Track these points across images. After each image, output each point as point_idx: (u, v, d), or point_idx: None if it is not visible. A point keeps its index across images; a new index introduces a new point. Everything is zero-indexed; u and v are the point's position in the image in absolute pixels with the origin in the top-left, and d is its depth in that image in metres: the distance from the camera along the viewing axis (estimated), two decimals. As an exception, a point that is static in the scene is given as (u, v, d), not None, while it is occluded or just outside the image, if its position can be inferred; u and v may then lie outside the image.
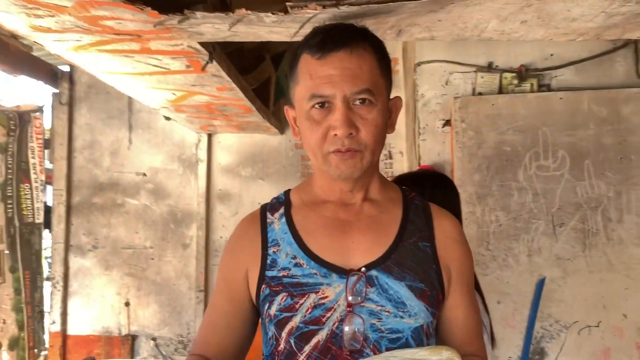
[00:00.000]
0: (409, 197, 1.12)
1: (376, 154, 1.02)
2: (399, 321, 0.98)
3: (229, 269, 1.10)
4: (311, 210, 1.08)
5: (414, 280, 1.00)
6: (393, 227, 1.05)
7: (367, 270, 1.00)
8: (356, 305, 0.98)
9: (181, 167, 3.52)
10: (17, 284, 3.09)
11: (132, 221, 3.51)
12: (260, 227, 1.08)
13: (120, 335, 3.43)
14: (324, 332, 0.98)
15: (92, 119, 3.55)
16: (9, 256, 3.04)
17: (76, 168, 3.53)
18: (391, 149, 3.40)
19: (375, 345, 0.98)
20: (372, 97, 0.98)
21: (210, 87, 2.22)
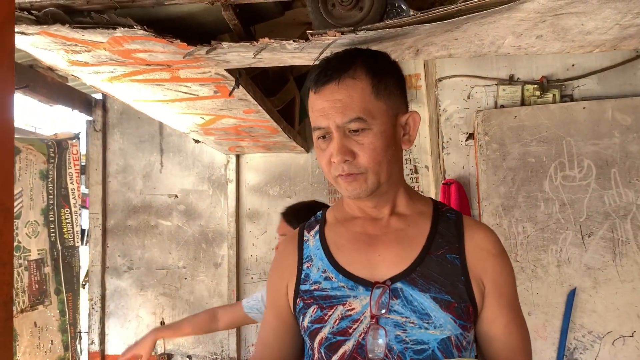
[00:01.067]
0: (441, 211, 1.13)
1: (382, 173, 1.04)
2: (423, 332, 1.00)
3: (273, 286, 1.19)
4: (342, 226, 1.15)
5: (440, 292, 1.02)
6: (420, 240, 1.08)
7: (391, 282, 1.04)
8: (381, 317, 1.02)
9: (211, 188, 3.61)
10: (61, 305, 3.20)
11: (165, 242, 3.61)
12: (298, 244, 1.17)
13: (157, 354, 3.50)
14: (351, 342, 1.03)
15: (125, 144, 3.69)
16: (54, 279, 3.16)
17: (111, 192, 3.66)
18: (417, 164, 3.43)
19: (399, 357, 1.01)
20: (364, 124, 1.01)
21: (237, 110, 2.30)
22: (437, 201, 1.18)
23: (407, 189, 1.14)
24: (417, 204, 1.14)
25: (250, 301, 2.23)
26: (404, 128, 1.08)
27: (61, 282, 3.23)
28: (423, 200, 1.17)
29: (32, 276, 3.00)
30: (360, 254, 1.09)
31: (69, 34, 1.37)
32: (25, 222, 2.98)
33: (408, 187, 1.15)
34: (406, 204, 1.13)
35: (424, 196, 1.20)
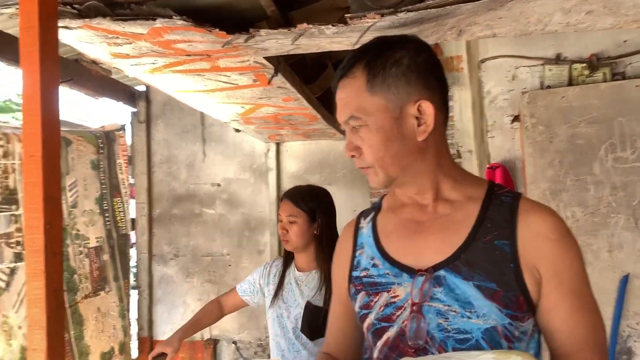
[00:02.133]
0: (496, 194, 1.06)
1: (390, 167, 1.02)
2: (466, 321, 0.98)
3: (334, 273, 1.24)
4: (393, 213, 1.15)
5: (484, 280, 0.98)
6: (466, 226, 1.04)
7: (434, 270, 1.02)
8: (423, 305, 1.01)
9: (252, 176, 3.65)
10: (119, 292, 3.31)
11: (209, 230, 3.67)
12: (354, 231, 1.19)
13: (203, 340, 3.59)
14: (394, 329, 1.03)
15: (168, 134, 3.76)
16: (112, 266, 3.27)
17: (156, 182, 3.75)
18: (460, 148, 3.36)
19: (441, 345, 0.99)
20: (359, 121, 1.01)
21: (277, 99, 2.30)
22: (495, 184, 1.10)
23: (452, 173, 1.08)
24: (467, 188, 1.08)
25: (243, 285, 2.34)
26: (419, 118, 1.01)
27: (118, 269, 3.34)
28: (476, 183, 1.10)
29: (93, 263, 3.11)
30: (406, 241, 1.08)
31: (110, 26, 1.39)
32: (82, 211, 3.07)
33: (456, 171, 1.09)
34: (452, 189, 1.08)
35: (479, 179, 1.13)
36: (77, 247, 2.98)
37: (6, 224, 2.51)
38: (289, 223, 2.12)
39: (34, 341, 1.07)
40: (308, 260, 2.18)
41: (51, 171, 1.11)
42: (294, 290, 2.16)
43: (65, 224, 2.91)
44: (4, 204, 2.51)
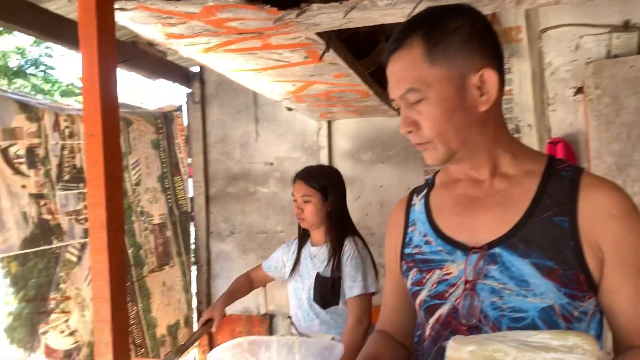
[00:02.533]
0: (556, 168, 1.02)
1: (451, 140, 0.98)
2: (521, 300, 0.95)
3: (387, 250, 1.23)
4: (446, 189, 1.13)
5: (541, 258, 0.95)
6: (524, 202, 1.00)
7: (489, 247, 0.99)
8: (477, 283, 0.99)
9: (304, 155, 3.66)
10: (182, 267, 3.45)
11: (263, 208, 3.73)
12: (406, 208, 1.18)
13: (259, 314, 3.68)
14: (446, 306, 1.02)
15: (223, 114, 3.82)
16: (174, 242, 3.40)
17: (211, 161, 3.83)
18: (519, 123, 3.24)
19: (494, 324, 0.97)
20: (419, 94, 0.97)
21: (328, 75, 2.28)
22: (555, 158, 1.06)
23: (511, 147, 1.05)
24: (525, 163, 1.05)
25: (268, 262, 2.55)
26: (480, 89, 0.97)
27: (180, 245, 3.46)
28: (535, 158, 1.06)
29: (157, 239, 3.24)
30: (460, 218, 1.06)
31: (164, 6, 1.42)
32: (145, 189, 3.20)
33: (514, 145, 1.06)
34: (510, 163, 1.05)
35: (537, 153, 1.09)
36: (142, 224, 3.10)
37: (75, 201, 2.63)
38: (304, 202, 2.29)
39: (99, 313, 1.13)
40: (321, 235, 2.35)
41: (111, 150, 1.15)
42: (308, 264, 2.35)
43: (130, 201, 3.03)
44: (72, 183, 2.64)
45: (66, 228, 2.54)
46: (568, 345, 0.82)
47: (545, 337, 0.84)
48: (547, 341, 0.83)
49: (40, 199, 2.45)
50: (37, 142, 2.50)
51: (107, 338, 1.11)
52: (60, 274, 2.45)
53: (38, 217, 2.42)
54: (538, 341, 0.83)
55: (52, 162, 2.55)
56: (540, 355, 0.81)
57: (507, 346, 0.82)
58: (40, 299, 2.32)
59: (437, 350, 1.02)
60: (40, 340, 2.33)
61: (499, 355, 0.82)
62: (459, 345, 0.85)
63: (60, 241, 2.49)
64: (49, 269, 2.40)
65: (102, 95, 1.13)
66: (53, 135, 2.59)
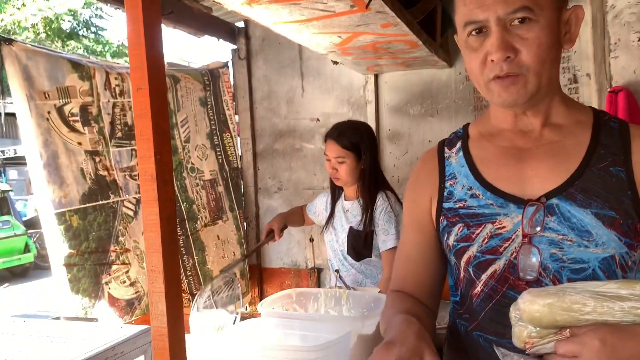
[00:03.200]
0: (603, 119, 1.01)
1: (543, 75, 0.93)
2: (583, 251, 0.93)
3: (413, 202, 1.15)
4: (487, 141, 1.08)
5: (602, 208, 0.93)
6: (578, 152, 0.98)
7: (546, 199, 0.96)
8: (534, 236, 0.96)
9: (350, 110, 3.61)
10: (236, 221, 3.54)
11: (310, 164, 3.74)
12: (438, 161, 1.12)
13: (307, 268, 3.75)
14: (502, 261, 0.98)
15: (268, 70, 3.80)
16: (227, 197, 3.48)
17: (258, 118, 3.84)
18: (576, 72, 3.07)
19: (555, 276, 0.94)
20: (531, 14, 0.89)
21: (375, 25, 2.22)
22: (597, 109, 1.05)
23: (563, 96, 1.03)
24: (575, 113, 1.03)
25: (310, 206, 2.67)
26: (566, 26, 0.96)
27: (232, 200, 3.54)
28: (582, 108, 1.05)
29: (209, 194, 3.32)
30: (509, 170, 1.02)
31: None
32: (194, 146, 3.26)
33: (564, 94, 1.04)
34: (562, 113, 1.02)
35: (582, 104, 1.07)
36: (194, 180, 3.18)
37: (128, 158, 2.72)
38: (338, 163, 2.32)
39: (152, 263, 1.17)
40: (355, 190, 2.40)
41: (159, 103, 1.16)
42: (342, 218, 2.42)
43: (180, 158, 3.10)
44: (124, 139, 2.72)
45: (121, 184, 2.63)
46: (638, 294, 0.82)
47: (614, 287, 0.84)
48: (617, 291, 0.83)
49: (95, 156, 2.54)
50: (90, 100, 2.57)
51: (160, 287, 1.15)
52: (119, 228, 2.56)
53: (95, 173, 2.51)
54: (608, 291, 0.83)
55: (105, 119, 2.62)
56: (617, 304, 0.81)
57: (583, 297, 0.82)
58: (101, 251, 2.44)
59: (494, 307, 1.00)
60: (104, 289, 2.46)
61: (577, 307, 0.82)
62: (534, 298, 0.84)
63: (117, 196, 2.59)
64: (107, 222, 2.51)
65: (147, 49, 1.13)
66: (104, 93, 2.65)
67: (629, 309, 0.81)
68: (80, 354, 1.28)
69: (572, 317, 0.81)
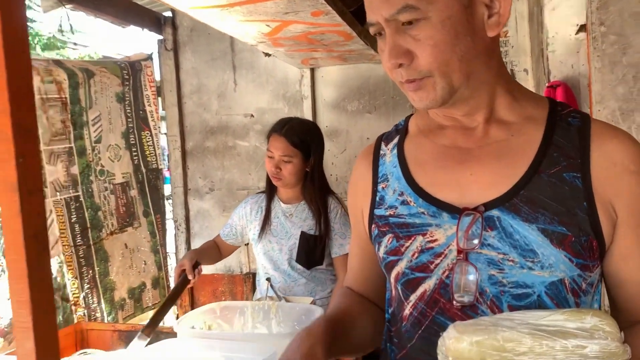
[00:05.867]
0: (561, 114, 0.85)
1: (454, 74, 0.78)
2: (526, 273, 0.78)
3: (350, 209, 1.05)
4: (426, 138, 0.92)
5: (551, 223, 0.78)
6: (527, 154, 0.83)
7: (485, 209, 0.81)
8: (471, 252, 0.80)
9: (286, 105, 3.43)
10: (151, 227, 3.25)
11: (244, 163, 3.53)
12: (373, 160, 0.97)
13: (242, 273, 3.53)
14: (432, 280, 0.84)
15: (197, 62, 3.55)
16: (141, 201, 3.19)
17: (187, 113, 3.59)
18: (514, 67, 3.02)
19: (493, 302, 0.80)
20: (417, 13, 0.76)
21: (304, 13, 2.04)
22: (556, 102, 0.89)
23: (509, 87, 0.87)
24: (526, 107, 0.87)
25: (225, 230, 2.35)
26: (489, 6, 0.79)
27: (149, 204, 3.26)
28: (535, 101, 0.88)
29: (119, 199, 3.03)
30: (447, 173, 0.87)
31: None
32: (106, 146, 2.97)
33: (512, 85, 0.88)
34: (509, 107, 0.86)
35: (537, 96, 0.91)
36: (102, 184, 2.89)
37: None
38: (283, 162, 2.09)
39: (16, 291, 0.93)
40: (295, 193, 2.19)
41: (20, 92, 0.93)
42: (284, 223, 2.18)
43: (88, 160, 2.81)
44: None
45: None
46: (587, 328, 0.70)
47: (559, 319, 0.71)
48: (562, 323, 0.70)
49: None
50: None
51: (28, 321, 0.92)
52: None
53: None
54: (551, 324, 0.70)
55: None
56: (559, 343, 0.68)
57: (519, 333, 0.69)
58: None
59: (423, 335, 0.85)
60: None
61: (510, 346, 0.69)
62: (460, 335, 0.71)
63: None
64: None
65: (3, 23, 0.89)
66: None
67: (573, 348, 0.68)
68: None
69: (504, 358, 0.69)
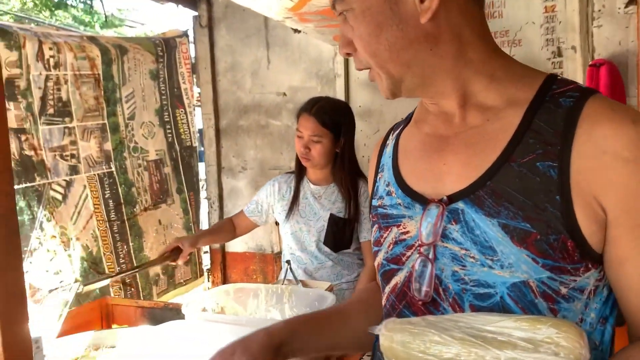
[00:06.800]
0: (551, 94, 0.74)
1: (389, 65, 0.76)
2: (487, 272, 0.72)
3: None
4: (416, 127, 0.90)
5: (514, 218, 0.70)
6: (501, 142, 0.75)
7: (450, 201, 0.76)
8: (437, 245, 0.76)
9: (319, 84, 3.36)
10: (184, 204, 3.30)
11: (276, 142, 3.50)
12: (379, 150, 0.98)
13: (273, 252, 3.53)
14: (403, 273, 0.82)
15: (232, 39, 3.53)
16: (174, 178, 3.24)
17: (221, 91, 3.58)
18: (561, 45, 2.81)
19: (455, 300, 0.75)
20: (344, 4, 0.76)
21: (324, -13, 1.96)
22: (556, 79, 0.77)
23: (487, 68, 0.78)
24: (510, 88, 0.77)
25: (250, 206, 2.31)
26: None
27: (182, 182, 3.30)
28: (523, 80, 0.77)
29: (152, 176, 3.08)
30: (424, 163, 0.83)
31: None
32: (140, 123, 3.01)
33: (493, 65, 0.78)
34: (487, 90, 0.78)
35: (531, 74, 0.79)
36: (136, 160, 2.93)
37: (60, 136, 2.48)
38: (313, 142, 2.05)
39: (-16, 274, 0.93)
40: (325, 175, 2.15)
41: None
42: (313, 205, 2.15)
43: (122, 136, 2.85)
44: (56, 117, 2.47)
45: (50, 165, 2.39)
46: (536, 339, 0.63)
47: (509, 326, 0.66)
48: (509, 331, 0.65)
49: (21, 134, 2.30)
50: (18, 73, 2.32)
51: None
52: (44, 213, 2.33)
53: (20, 154, 2.27)
54: (498, 331, 0.66)
55: (35, 94, 2.38)
56: (490, 353, 0.64)
57: (449, 337, 0.66)
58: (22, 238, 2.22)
59: None
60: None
61: (436, 350, 0.67)
62: (389, 334, 0.71)
63: (43, 178, 2.36)
64: (31, 207, 2.28)
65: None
66: (36, 65, 2.40)
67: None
68: None
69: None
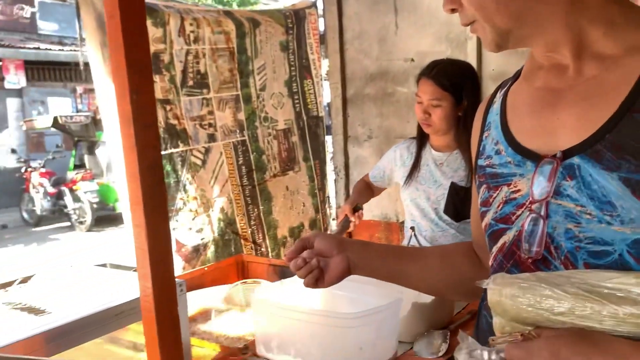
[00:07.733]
0: None
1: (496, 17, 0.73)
2: (605, 228, 0.67)
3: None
4: (526, 81, 0.85)
5: (636, 171, 0.64)
6: (620, 92, 0.68)
7: (565, 156, 0.71)
8: (550, 202, 0.72)
9: (449, 47, 3.21)
10: (310, 172, 3.40)
11: (402, 110, 3.43)
12: (485, 109, 0.93)
13: (398, 221, 3.51)
14: (512, 232, 0.78)
15: (359, 7, 3.49)
16: (301, 147, 3.35)
17: (348, 60, 3.58)
18: None
19: (568, 258, 0.70)
20: None
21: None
22: None
23: (605, 13, 0.71)
24: (630, 35, 0.70)
25: (373, 172, 2.34)
26: None
27: (308, 150, 3.39)
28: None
29: (281, 144, 3.21)
30: (535, 119, 0.79)
31: None
32: (270, 94, 3.13)
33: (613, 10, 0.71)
34: (605, 38, 0.71)
35: None
36: (266, 129, 3.06)
37: (199, 107, 2.65)
38: (432, 106, 2.00)
39: (135, 217, 1.04)
40: (448, 141, 2.07)
41: (133, 31, 1.00)
42: (434, 172, 2.08)
43: (254, 107, 2.98)
44: (196, 88, 2.65)
45: (191, 133, 2.58)
46: None
47: (628, 282, 0.62)
48: (628, 287, 0.62)
49: (166, 104, 2.50)
50: (163, 48, 2.51)
51: (143, 243, 1.02)
52: (187, 176, 2.53)
53: (165, 122, 2.48)
54: (615, 287, 0.62)
55: (177, 67, 2.57)
56: (607, 308, 0.61)
57: (561, 292, 0.64)
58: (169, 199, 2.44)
59: None
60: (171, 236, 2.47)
61: (548, 304, 0.65)
62: (498, 288, 0.69)
63: (186, 145, 2.55)
64: (176, 171, 2.48)
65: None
66: (178, 40, 2.58)
67: (625, 317, 0.60)
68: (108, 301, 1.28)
69: (541, 316, 0.66)
